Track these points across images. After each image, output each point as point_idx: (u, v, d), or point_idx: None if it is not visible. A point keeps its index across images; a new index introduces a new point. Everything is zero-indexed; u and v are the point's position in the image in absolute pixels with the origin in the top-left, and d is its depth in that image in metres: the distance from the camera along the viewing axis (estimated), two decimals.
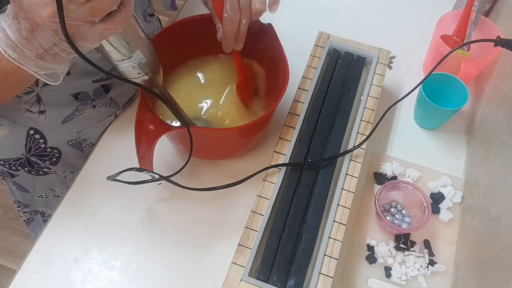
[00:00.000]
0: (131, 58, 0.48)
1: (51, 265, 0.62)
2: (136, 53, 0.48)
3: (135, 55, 0.48)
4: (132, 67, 0.49)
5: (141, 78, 0.51)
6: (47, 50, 0.41)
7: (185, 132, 0.60)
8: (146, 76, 0.51)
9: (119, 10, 0.39)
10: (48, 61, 0.42)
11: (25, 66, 0.42)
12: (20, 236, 1.45)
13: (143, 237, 0.64)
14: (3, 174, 0.78)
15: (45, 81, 0.44)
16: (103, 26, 0.39)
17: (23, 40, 0.40)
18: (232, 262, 0.54)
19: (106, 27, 0.39)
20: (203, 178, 0.68)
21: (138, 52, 0.48)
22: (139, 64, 0.49)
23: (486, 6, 0.84)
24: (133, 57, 0.48)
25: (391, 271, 0.62)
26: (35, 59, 0.41)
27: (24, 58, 0.41)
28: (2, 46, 0.40)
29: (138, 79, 0.51)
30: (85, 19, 0.38)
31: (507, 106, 0.63)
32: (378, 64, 0.72)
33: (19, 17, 0.38)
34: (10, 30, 0.40)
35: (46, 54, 0.41)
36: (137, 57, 0.48)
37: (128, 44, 0.46)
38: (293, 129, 0.64)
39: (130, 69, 0.49)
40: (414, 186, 0.64)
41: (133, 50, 0.47)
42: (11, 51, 0.40)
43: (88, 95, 0.69)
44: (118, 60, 0.47)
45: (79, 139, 0.75)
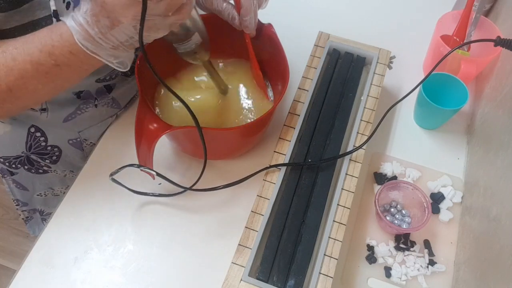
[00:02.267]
0: (190, 40, 0.56)
1: (51, 265, 0.62)
2: (194, 36, 0.56)
3: (194, 37, 0.56)
4: (190, 48, 0.57)
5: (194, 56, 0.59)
6: (123, 42, 0.45)
7: (184, 132, 0.60)
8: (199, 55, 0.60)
9: (186, 2, 0.44)
10: (121, 50, 0.47)
11: (101, 57, 0.46)
12: (20, 236, 1.45)
13: (143, 237, 0.64)
14: (2, 172, 0.78)
15: (117, 68, 0.48)
16: (174, 17, 0.44)
17: (102, 35, 0.44)
18: (232, 262, 0.54)
19: (177, 18, 0.45)
20: (203, 178, 0.68)
21: (196, 35, 0.56)
22: (195, 45, 0.57)
23: (486, 6, 0.84)
24: (192, 39, 0.56)
25: (391, 271, 0.62)
26: (110, 49, 0.46)
27: (100, 50, 0.46)
28: (80, 40, 0.44)
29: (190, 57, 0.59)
30: (161, 14, 0.43)
31: (507, 106, 0.63)
32: (378, 64, 0.72)
33: (100, 15, 0.43)
34: (89, 26, 0.44)
35: (121, 45, 0.46)
36: (194, 39, 0.56)
37: (188, 29, 0.54)
38: (293, 129, 0.64)
39: (187, 50, 0.57)
40: (414, 186, 0.64)
41: (192, 33, 0.55)
42: (89, 44, 0.45)
43: (90, 94, 0.69)
44: (179, 42, 0.56)
45: (80, 138, 0.75)
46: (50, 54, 0.46)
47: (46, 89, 0.51)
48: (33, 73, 0.47)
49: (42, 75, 0.48)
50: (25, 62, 0.47)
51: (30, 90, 0.49)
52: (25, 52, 0.47)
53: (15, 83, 0.48)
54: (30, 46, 0.47)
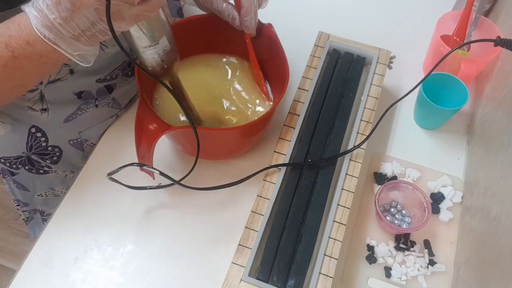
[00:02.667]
0: (157, 44, 0.49)
1: (51, 265, 0.62)
2: (162, 40, 0.49)
3: (161, 41, 0.49)
4: (157, 54, 0.50)
5: (162, 66, 0.52)
6: (84, 31, 0.42)
7: (184, 132, 0.60)
8: (167, 65, 0.53)
9: None
10: (83, 42, 0.43)
11: (60, 47, 0.43)
12: (20, 236, 1.46)
13: (143, 237, 0.64)
14: (3, 172, 0.78)
15: (78, 62, 0.45)
16: (140, 8, 0.41)
17: (61, 20, 0.41)
18: (232, 262, 0.54)
19: (143, 9, 0.42)
20: (203, 178, 0.68)
21: (164, 39, 0.49)
22: (163, 51, 0.50)
23: (486, 6, 0.84)
24: (159, 43, 0.49)
25: (391, 271, 0.62)
26: (70, 40, 0.43)
27: (59, 39, 0.42)
28: (38, 27, 0.42)
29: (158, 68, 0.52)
30: (126, 0, 0.40)
31: (507, 106, 0.63)
32: (378, 64, 0.72)
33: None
34: (48, 10, 0.41)
35: (82, 35, 0.43)
36: (162, 44, 0.49)
37: (156, 30, 0.48)
38: (293, 129, 0.64)
39: (155, 56, 0.50)
40: (414, 186, 0.64)
41: (160, 36, 0.49)
42: (47, 31, 0.42)
43: (91, 94, 0.69)
44: (145, 46, 0.49)
45: (81, 138, 0.75)
46: (7, 45, 0.44)
47: (8, 85, 0.48)
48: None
49: (0, 68, 0.45)
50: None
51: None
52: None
53: None
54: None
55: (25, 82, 0.51)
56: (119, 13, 0.41)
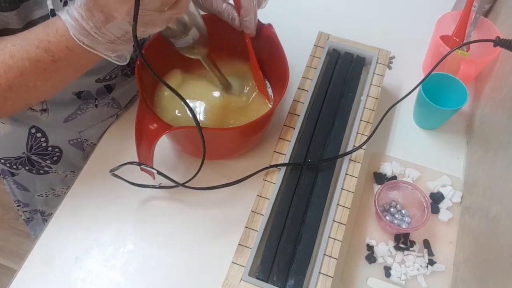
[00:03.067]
0: (187, 36, 0.55)
1: (51, 264, 0.62)
2: (192, 31, 0.54)
3: (191, 32, 0.55)
4: (187, 42, 0.56)
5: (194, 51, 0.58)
6: (119, 37, 0.45)
7: (184, 132, 0.60)
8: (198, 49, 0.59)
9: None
10: (118, 44, 0.46)
11: (97, 51, 0.45)
12: (20, 236, 1.46)
13: (143, 237, 0.64)
14: (3, 172, 0.78)
15: (115, 62, 0.47)
16: (171, 12, 0.43)
17: (97, 30, 0.43)
18: (232, 262, 0.54)
19: (173, 13, 0.44)
20: (203, 178, 0.68)
21: (194, 29, 0.55)
22: (193, 40, 0.56)
23: (486, 7, 0.84)
24: (189, 35, 0.55)
25: (391, 270, 0.62)
26: (106, 43, 0.45)
27: (96, 44, 0.45)
28: (76, 34, 0.44)
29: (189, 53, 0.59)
30: (156, 9, 0.42)
31: (506, 106, 0.63)
32: (378, 64, 0.72)
33: (94, 10, 0.42)
34: (83, 21, 0.43)
35: (118, 40, 0.45)
36: (192, 34, 0.55)
37: (185, 24, 0.53)
38: (293, 129, 0.65)
39: (186, 45, 0.56)
40: (414, 186, 0.65)
41: (190, 28, 0.54)
42: (85, 38, 0.44)
43: (90, 94, 0.69)
44: (177, 37, 0.55)
45: (81, 138, 0.75)
46: (47, 50, 0.46)
47: (46, 85, 0.50)
48: (32, 69, 0.47)
49: (40, 71, 0.47)
50: (23, 59, 0.46)
51: (30, 87, 0.49)
52: (23, 49, 0.46)
53: (15, 81, 0.48)
54: (28, 43, 0.46)
55: (64, 82, 0.52)
56: (151, 21, 0.43)
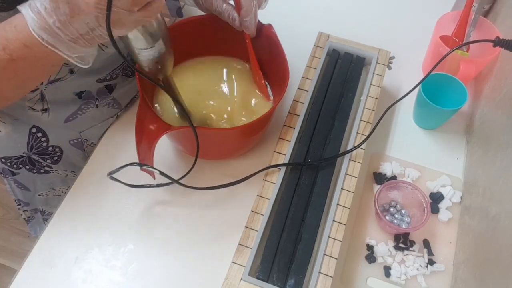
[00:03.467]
0: (153, 47, 0.50)
1: (52, 264, 0.62)
2: (158, 43, 0.50)
3: (158, 44, 0.50)
4: (152, 56, 0.51)
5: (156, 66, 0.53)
6: (82, 34, 0.42)
7: (185, 132, 0.60)
8: (161, 65, 0.53)
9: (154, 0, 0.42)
10: (81, 44, 0.43)
11: (58, 50, 0.43)
12: (21, 236, 1.46)
13: (143, 236, 0.65)
14: (4, 172, 0.78)
15: (77, 63, 0.45)
16: (140, 14, 0.41)
17: (60, 24, 0.41)
18: (232, 262, 0.55)
19: (143, 15, 0.42)
20: (203, 178, 0.68)
21: (160, 41, 0.50)
22: (159, 53, 0.51)
23: (485, 7, 0.84)
24: (155, 46, 0.50)
25: (391, 270, 0.63)
26: (68, 42, 0.42)
27: (57, 41, 0.42)
28: (36, 29, 0.41)
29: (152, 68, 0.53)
30: (126, 7, 0.40)
31: (506, 106, 0.63)
32: (378, 65, 0.72)
33: (59, 1, 0.39)
34: (47, 13, 0.40)
35: (81, 38, 0.42)
36: (158, 47, 0.50)
37: (153, 33, 0.48)
38: (293, 129, 0.65)
39: (150, 58, 0.51)
40: (414, 186, 0.65)
41: (157, 39, 0.49)
42: (45, 34, 0.41)
43: (91, 94, 0.69)
44: (141, 48, 0.49)
45: (81, 138, 0.75)
46: (5, 48, 0.43)
47: (9, 86, 0.48)
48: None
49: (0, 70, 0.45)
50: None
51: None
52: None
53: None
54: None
55: (26, 83, 0.51)
56: (119, 20, 0.41)
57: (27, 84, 0.51)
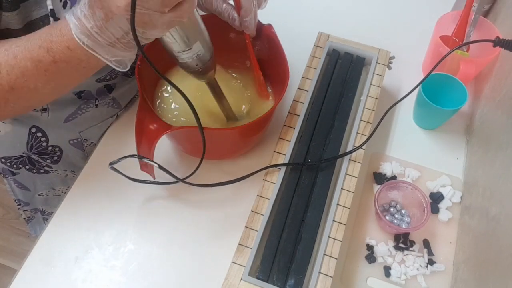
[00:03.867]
0: (190, 49, 0.50)
1: (52, 264, 0.62)
2: (196, 45, 0.50)
3: (195, 46, 0.50)
4: (191, 58, 0.51)
5: (198, 69, 0.54)
6: (119, 38, 0.44)
7: (185, 132, 0.60)
8: (203, 68, 0.54)
9: (186, 0, 0.42)
10: (119, 48, 0.45)
11: (97, 53, 0.45)
12: (21, 236, 1.46)
13: (143, 236, 0.65)
14: (4, 172, 0.78)
15: (115, 67, 0.47)
16: (172, 15, 0.42)
17: (97, 29, 0.43)
18: (232, 262, 0.55)
19: (175, 16, 0.42)
20: (203, 178, 0.68)
21: (198, 44, 0.51)
22: (198, 56, 0.52)
23: (485, 7, 0.84)
24: (192, 48, 0.50)
25: (391, 270, 0.63)
26: (107, 46, 0.44)
27: (97, 46, 0.44)
28: (78, 34, 0.43)
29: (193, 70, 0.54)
30: (156, 9, 0.41)
31: (506, 106, 0.63)
32: (378, 65, 0.72)
33: (95, 7, 0.42)
34: (86, 19, 0.43)
35: (118, 42, 0.44)
36: (196, 49, 0.51)
37: (189, 35, 0.49)
38: (293, 129, 0.65)
39: (189, 60, 0.52)
40: (414, 186, 0.65)
41: (194, 41, 0.50)
42: (86, 38, 0.44)
43: (91, 94, 0.69)
44: (179, 51, 0.50)
45: (81, 138, 0.75)
46: (49, 50, 0.46)
47: (47, 88, 0.50)
48: (33, 70, 0.47)
49: (41, 72, 0.47)
50: (25, 60, 0.46)
51: (31, 89, 0.49)
52: (26, 49, 0.47)
53: (17, 82, 0.48)
54: (31, 43, 0.46)
55: (65, 85, 0.52)
56: (150, 21, 0.42)
57: (65, 86, 0.53)
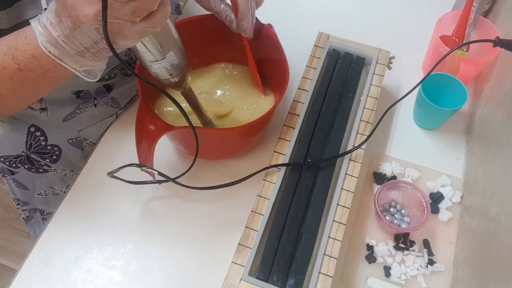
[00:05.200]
0: (164, 59, 0.48)
1: (52, 264, 0.62)
2: (169, 54, 0.48)
3: (169, 56, 0.48)
4: (164, 68, 0.49)
5: (172, 79, 0.51)
6: (88, 48, 0.42)
7: (185, 132, 0.60)
8: (177, 78, 0.52)
9: (158, 9, 0.40)
10: (88, 58, 0.43)
11: (65, 63, 0.42)
12: (21, 236, 1.46)
13: (143, 236, 0.65)
14: (3, 171, 0.78)
15: (84, 77, 0.45)
16: (143, 25, 0.40)
17: (65, 38, 0.40)
18: (232, 262, 0.55)
19: (146, 26, 0.40)
20: (203, 178, 0.68)
21: (171, 53, 0.48)
22: (171, 66, 0.49)
23: (485, 7, 0.84)
24: (166, 58, 0.48)
25: (391, 270, 0.63)
26: (75, 56, 0.42)
27: (64, 55, 0.42)
28: (43, 42, 0.41)
29: (168, 81, 0.52)
30: (127, 18, 0.39)
31: (506, 106, 0.63)
32: (378, 65, 0.72)
33: (62, 15, 0.39)
34: (52, 27, 0.40)
35: (87, 52, 0.42)
36: (170, 58, 0.49)
37: (162, 45, 0.47)
38: (293, 129, 0.65)
39: (162, 70, 0.49)
40: (414, 186, 0.65)
41: (167, 51, 0.48)
42: (52, 47, 0.41)
43: (89, 94, 0.69)
44: (152, 61, 0.48)
45: (80, 137, 0.75)
46: (14, 57, 0.44)
47: (14, 96, 0.48)
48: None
49: (6, 79, 0.45)
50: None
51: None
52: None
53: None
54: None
55: (33, 94, 0.51)
56: (121, 31, 0.40)
57: (32, 96, 0.51)
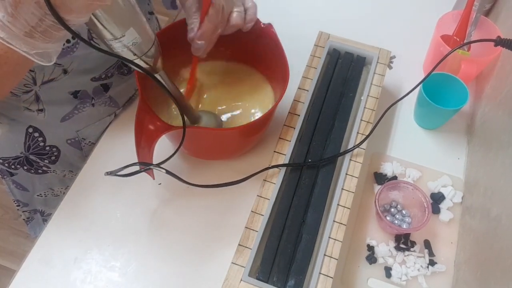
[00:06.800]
0: (123, 37, 0.43)
1: (51, 265, 0.62)
2: (129, 32, 0.43)
3: (128, 33, 0.43)
4: (125, 47, 0.45)
5: (137, 60, 0.47)
6: (34, 26, 0.39)
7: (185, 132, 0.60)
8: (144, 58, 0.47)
9: None
10: (38, 39, 0.40)
11: (14, 45, 0.39)
12: (20, 236, 1.46)
13: (143, 237, 0.64)
14: (2, 173, 0.78)
15: (37, 61, 0.42)
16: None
17: (9, 17, 0.38)
18: (232, 262, 0.54)
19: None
20: (203, 178, 0.68)
21: (132, 30, 0.44)
22: (133, 44, 0.45)
23: (486, 6, 0.84)
24: (125, 36, 0.43)
25: (391, 271, 0.62)
26: (24, 37, 0.39)
27: (13, 37, 0.39)
28: None
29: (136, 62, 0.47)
30: None
31: (507, 106, 0.63)
32: (378, 64, 0.72)
33: None
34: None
35: (35, 31, 0.39)
36: (130, 36, 0.44)
37: (119, 21, 0.42)
38: (293, 129, 0.64)
39: (124, 50, 0.45)
40: (414, 186, 0.64)
41: (126, 28, 0.43)
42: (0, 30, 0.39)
43: (87, 94, 0.69)
44: (110, 39, 0.43)
45: (78, 137, 0.75)
46: None
47: None
48: None
49: None
50: None
51: None
52: None
53: None
54: None
55: None
56: (63, 5, 0.37)
57: None
